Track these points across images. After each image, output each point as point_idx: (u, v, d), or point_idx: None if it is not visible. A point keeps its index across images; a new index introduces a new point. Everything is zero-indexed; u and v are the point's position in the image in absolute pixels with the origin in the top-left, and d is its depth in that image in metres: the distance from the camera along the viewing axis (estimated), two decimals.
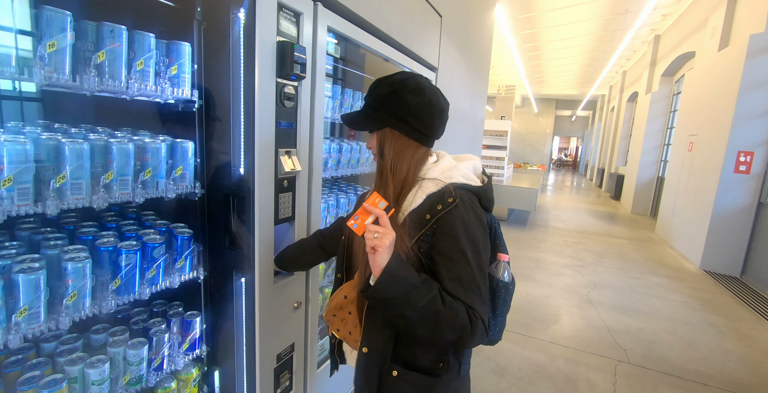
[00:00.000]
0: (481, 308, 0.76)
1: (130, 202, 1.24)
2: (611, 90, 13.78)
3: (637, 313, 3.24)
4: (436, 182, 0.84)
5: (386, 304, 0.74)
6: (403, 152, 0.86)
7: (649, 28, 8.13)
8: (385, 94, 0.84)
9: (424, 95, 0.84)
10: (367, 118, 0.88)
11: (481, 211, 0.84)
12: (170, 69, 1.09)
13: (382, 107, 0.85)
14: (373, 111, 0.86)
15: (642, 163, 8.40)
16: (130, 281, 1.07)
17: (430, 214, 0.80)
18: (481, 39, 3.42)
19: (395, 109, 0.83)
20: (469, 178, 0.88)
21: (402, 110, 0.83)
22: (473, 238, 0.79)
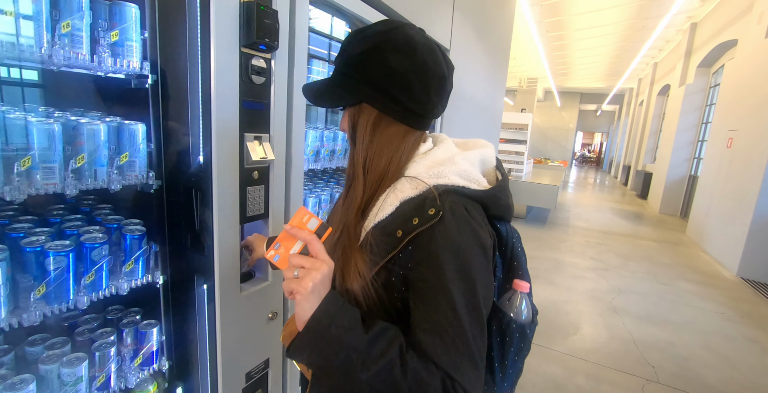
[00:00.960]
0: (467, 376, 0.50)
1: (91, 194, 1.08)
2: (640, 83, 13.07)
3: (667, 324, 2.94)
4: (415, 183, 0.60)
5: (315, 373, 0.53)
6: (384, 138, 0.61)
7: (686, 15, 7.56)
8: (360, 53, 0.59)
9: (416, 55, 0.58)
10: (333, 88, 0.62)
11: (481, 227, 0.57)
12: (110, 35, 0.90)
13: (356, 73, 0.60)
14: (343, 78, 0.61)
15: (673, 160, 7.89)
16: (61, 288, 0.90)
17: (402, 230, 0.55)
18: (500, 22, 3.13)
19: (374, 75, 0.59)
20: (470, 176, 0.62)
21: (383, 77, 0.58)
22: (466, 268, 0.54)
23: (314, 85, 0.66)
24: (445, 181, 0.59)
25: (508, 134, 6.61)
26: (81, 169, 0.90)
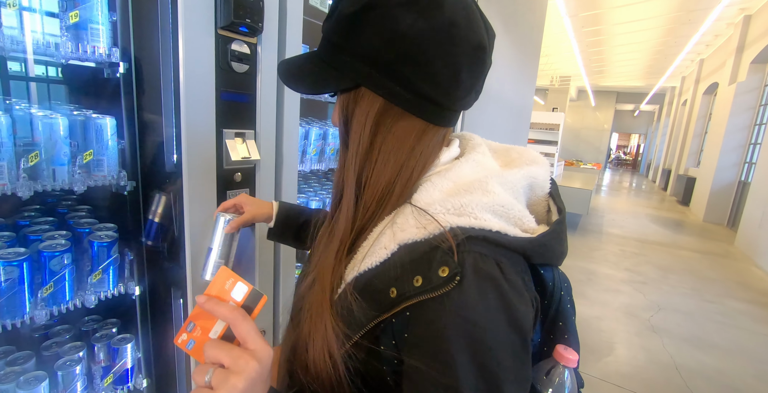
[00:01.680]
0: None
1: (71, 193, 0.99)
2: (684, 81, 12.25)
3: (714, 349, 2.62)
4: (424, 219, 0.40)
5: None
6: (391, 139, 0.43)
7: (738, 7, 6.94)
8: (354, 12, 0.40)
9: (441, 12, 0.38)
10: (318, 66, 0.44)
11: (521, 297, 0.38)
12: (68, 15, 0.79)
13: (349, 42, 0.41)
14: (332, 51, 0.43)
15: (720, 164, 7.28)
16: (13, 300, 0.80)
17: (397, 289, 0.38)
18: (531, 13, 2.90)
19: (375, 45, 0.40)
20: (509, 214, 0.42)
21: (389, 48, 0.39)
22: (488, 363, 0.35)
23: (293, 62, 0.47)
24: (471, 221, 0.38)
25: (537, 135, 6.28)
26: (36, 167, 0.80)
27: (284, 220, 0.78)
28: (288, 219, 0.78)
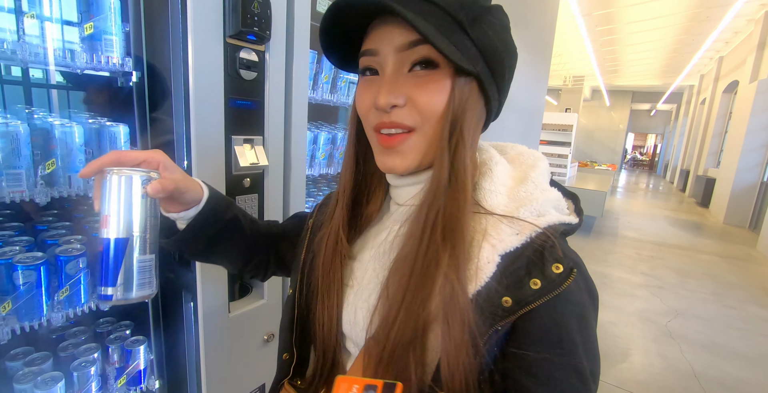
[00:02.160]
0: None
1: (87, 199, 1.02)
2: (702, 79, 11.96)
3: (736, 357, 2.54)
4: (518, 224, 0.40)
5: None
6: (477, 139, 0.45)
7: (758, 2, 6.75)
8: (487, 8, 0.41)
9: (511, 34, 0.44)
10: (453, 37, 0.39)
11: (593, 282, 0.42)
12: (83, 27, 0.82)
13: (475, 30, 0.40)
14: (453, 28, 0.39)
15: (741, 164, 7.07)
16: (32, 303, 0.83)
17: (513, 297, 0.37)
18: (542, 12, 2.88)
19: (493, 42, 0.41)
20: (560, 205, 0.45)
21: (503, 52, 0.42)
22: (591, 340, 0.39)
23: (419, 17, 0.37)
24: (550, 219, 0.40)
25: (550, 136, 6.21)
26: (53, 174, 0.83)
27: (212, 210, 0.54)
28: (216, 210, 0.55)
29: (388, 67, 0.41)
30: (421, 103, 0.40)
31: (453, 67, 0.40)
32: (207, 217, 0.53)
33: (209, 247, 0.57)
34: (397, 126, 0.41)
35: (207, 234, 0.55)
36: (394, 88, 0.40)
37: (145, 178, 0.43)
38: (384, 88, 0.40)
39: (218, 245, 0.58)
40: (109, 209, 0.41)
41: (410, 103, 0.41)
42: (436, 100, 0.40)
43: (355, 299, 0.47)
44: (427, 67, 0.40)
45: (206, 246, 0.57)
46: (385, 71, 0.42)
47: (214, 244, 0.57)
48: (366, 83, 0.44)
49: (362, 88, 0.45)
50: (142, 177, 0.43)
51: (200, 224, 0.53)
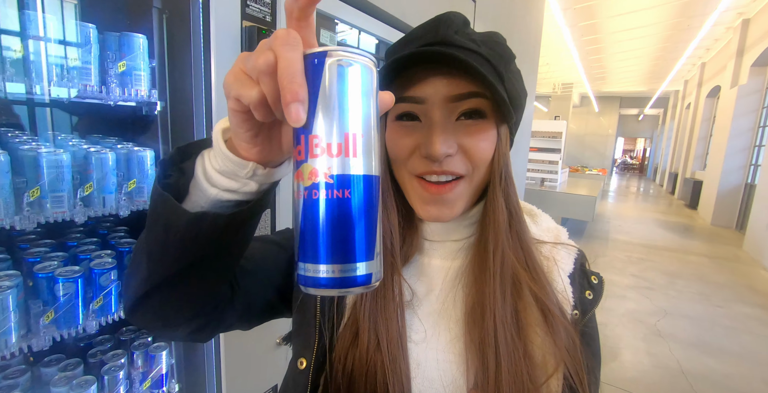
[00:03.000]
0: None
1: (110, 216, 1.10)
2: (687, 85, 12.30)
3: (722, 354, 2.65)
4: (567, 247, 0.50)
5: None
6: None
7: (736, 11, 7.04)
8: (512, 57, 0.45)
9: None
10: (497, 80, 0.40)
11: None
12: (117, 65, 0.93)
13: (506, 78, 0.42)
14: (498, 82, 0.41)
15: (726, 167, 7.29)
16: (70, 313, 0.92)
17: (579, 310, 0.46)
18: (527, 28, 3.03)
19: (518, 91, 0.44)
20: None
21: (522, 99, 0.45)
22: None
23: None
24: (565, 236, 0.52)
25: (540, 143, 6.37)
26: (90, 196, 0.92)
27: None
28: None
29: (435, 116, 0.41)
30: (473, 152, 0.41)
31: (497, 116, 0.42)
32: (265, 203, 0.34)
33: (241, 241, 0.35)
34: (449, 174, 0.41)
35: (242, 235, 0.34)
36: (447, 138, 0.40)
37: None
38: (437, 138, 0.39)
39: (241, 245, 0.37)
40: (355, 123, 0.25)
41: (462, 151, 0.41)
42: (486, 149, 0.42)
43: (427, 361, 0.43)
44: (475, 117, 0.41)
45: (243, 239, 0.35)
46: (432, 120, 0.41)
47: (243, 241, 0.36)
48: (404, 128, 0.43)
49: (400, 133, 0.43)
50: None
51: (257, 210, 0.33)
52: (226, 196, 0.31)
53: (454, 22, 0.41)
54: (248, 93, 0.25)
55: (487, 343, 0.40)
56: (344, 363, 0.42)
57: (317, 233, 0.25)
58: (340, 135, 0.24)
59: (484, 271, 0.43)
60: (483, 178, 0.44)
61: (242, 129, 0.28)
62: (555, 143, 6.28)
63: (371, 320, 0.42)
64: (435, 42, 0.40)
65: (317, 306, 0.45)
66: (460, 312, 0.44)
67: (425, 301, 0.46)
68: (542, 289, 0.43)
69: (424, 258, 0.49)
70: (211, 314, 0.41)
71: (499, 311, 0.41)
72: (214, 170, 0.30)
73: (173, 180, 0.32)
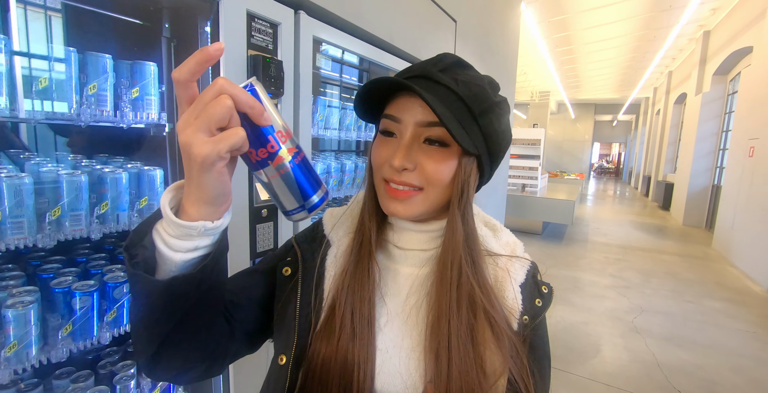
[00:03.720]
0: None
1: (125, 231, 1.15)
2: (656, 92, 12.90)
3: (693, 346, 2.82)
4: (521, 260, 0.56)
5: None
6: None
7: (697, 24, 7.51)
8: (498, 102, 0.50)
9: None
10: (465, 123, 0.47)
11: None
12: (131, 92, 0.99)
13: (483, 120, 0.48)
14: (470, 117, 0.47)
15: (694, 169, 7.68)
16: (86, 325, 0.97)
17: (528, 315, 0.52)
18: (505, 44, 3.20)
19: (496, 132, 0.50)
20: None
21: (501, 139, 0.51)
22: None
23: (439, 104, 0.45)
24: (521, 251, 0.58)
25: (520, 150, 6.59)
26: (105, 214, 0.98)
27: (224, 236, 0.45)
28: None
29: (406, 135, 0.47)
30: (429, 171, 0.48)
31: (460, 149, 0.47)
32: (223, 244, 0.42)
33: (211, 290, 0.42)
34: (406, 184, 0.48)
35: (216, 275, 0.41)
36: (408, 154, 0.47)
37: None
38: (401, 153, 0.47)
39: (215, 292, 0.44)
40: (281, 120, 0.39)
41: (419, 169, 0.48)
42: (440, 172, 0.48)
43: (390, 348, 0.50)
44: (437, 144, 0.48)
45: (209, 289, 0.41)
46: (403, 138, 0.48)
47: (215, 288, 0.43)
48: (384, 141, 0.50)
49: (380, 144, 0.51)
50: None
51: (221, 253, 0.41)
52: (189, 256, 0.38)
53: (442, 62, 0.49)
54: (236, 136, 0.34)
55: (442, 347, 0.46)
56: (321, 352, 0.48)
57: (312, 172, 0.42)
58: (284, 123, 0.39)
59: (443, 283, 0.49)
60: (440, 195, 0.49)
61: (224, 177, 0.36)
62: (534, 150, 6.50)
63: (349, 295, 0.50)
64: (419, 75, 0.48)
65: (297, 309, 0.52)
66: (423, 316, 0.50)
67: (393, 298, 0.53)
68: (490, 302, 0.49)
69: (394, 264, 0.55)
70: (217, 350, 0.48)
71: (454, 321, 0.47)
72: (170, 237, 0.37)
73: (140, 258, 0.39)
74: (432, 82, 0.47)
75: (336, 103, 1.57)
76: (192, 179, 0.35)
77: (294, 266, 0.56)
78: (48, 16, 1.05)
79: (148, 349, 0.42)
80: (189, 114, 0.33)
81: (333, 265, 0.54)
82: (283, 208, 0.42)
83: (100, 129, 1.20)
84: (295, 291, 0.53)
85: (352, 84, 2.15)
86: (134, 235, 0.39)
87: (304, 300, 0.52)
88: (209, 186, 0.35)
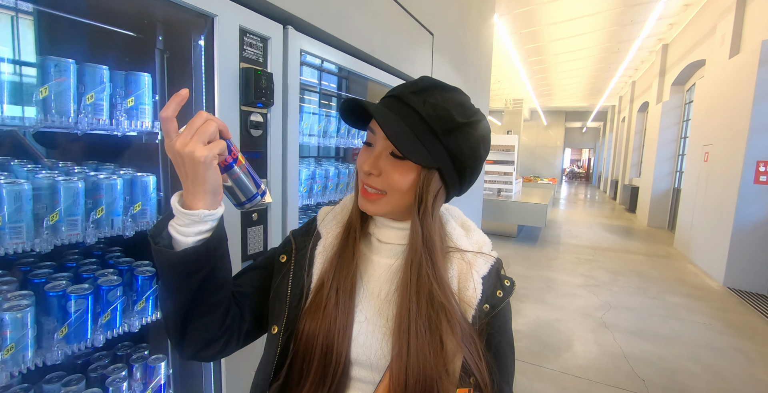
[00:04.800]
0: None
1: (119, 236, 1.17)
2: (621, 100, 13.58)
3: (656, 338, 3.02)
4: (483, 257, 0.62)
5: None
6: (438, 213, 0.61)
7: (656, 37, 8.02)
8: (464, 123, 0.54)
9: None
10: (415, 141, 0.53)
11: None
12: (126, 101, 1.04)
13: (446, 139, 0.54)
14: (428, 136, 0.54)
15: (656, 174, 8.14)
16: (80, 328, 0.99)
17: (489, 304, 0.59)
18: (479, 55, 3.36)
19: (462, 149, 0.55)
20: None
21: (468, 155, 0.56)
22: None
23: (398, 128, 0.52)
24: (493, 252, 0.65)
25: (495, 155, 6.82)
26: (100, 219, 1.01)
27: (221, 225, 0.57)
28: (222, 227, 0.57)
29: (377, 147, 0.57)
30: (389, 179, 0.56)
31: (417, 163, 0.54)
32: (222, 230, 0.55)
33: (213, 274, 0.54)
34: (371, 187, 0.57)
35: (219, 254, 0.55)
36: (375, 163, 0.56)
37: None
38: (369, 161, 0.56)
39: (218, 278, 0.56)
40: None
41: (384, 176, 0.56)
42: (401, 180, 0.55)
43: (365, 322, 0.58)
44: (399, 158, 0.55)
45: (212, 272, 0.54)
46: (375, 148, 0.57)
47: (217, 273, 0.55)
48: (365, 149, 0.59)
49: (362, 151, 0.60)
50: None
51: (220, 236, 0.55)
52: (196, 238, 0.51)
53: (417, 85, 0.55)
54: (221, 145, 0.50)
55: (403, 334, 0.54)
56: (309, 324, 0.57)
57: (254, 178, 0.58)
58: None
59: (405, 277, 0.57)
60: (401, 200, 0.57)
61: (216, 174, 0.50)
62: (509, 156, 6.74)
63: (335, 274, 0.59)
64: (393, 95, 0.56)
65: (288, 287, 0.61)
66: (392, 301, 0.58)
67: (371, 282, 0.61)
68: (446, 297, 0.55)
69: (375, 256, 0.63)
70: (232, 327, 0.60)
71: (414, 310, 0.54)
72: (180, 227, 0.51)
73: (161, 244, 0.51)
74: (402, 103, 0.54)
75: (316, 111, 1.65)
76: (196, 178, 0.48)
77: (289, 254, 0.65)
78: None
79: (177, 320, 0.54)
80: (185, 135, 0.48)
81: (321, 253, 0.63)
82: (244, 195, 0.57)
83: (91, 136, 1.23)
84: (288, 273, 0.63)
85: (331, 91, 2.23)
86: (155, 229, 0.53)
87: (296, 280, 0.62)
88: (209, 179, 0.49)
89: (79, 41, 1.09)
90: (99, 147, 1.26)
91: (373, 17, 1.66)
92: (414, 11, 2.04)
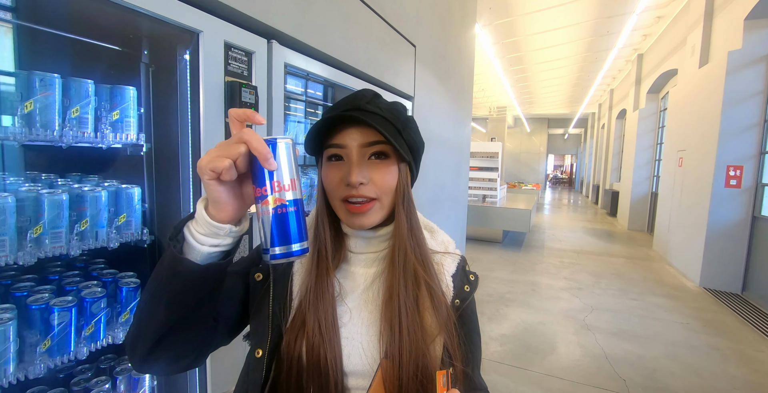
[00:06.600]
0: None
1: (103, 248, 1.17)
2: (600, 108, 13.98)
3: (636, 338, 3.10)
4: (450, 256, 0.67)
5: None
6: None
7: (632, 48, 8.34)
8: (408, 118, 0.63)
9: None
10: (395, 137, 0.58)
11: None
12: (111, 114, 1.05)
13: (405, 133, 0.61)
14: (397, 135, 0.59)
15: (635, 178, 8.39)
16: (64, 341, 0.99)
17: (459, 299, 0.64)
18: (461, 65, 3.45)
19: (415, 141, 0.63)
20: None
21: (418, 146, 0.64)
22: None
23: (376, 122, 0.56)
24: (457, 250, 0.70)
25: (480, 162, 6.94)
26: (84, 231, 1.02)
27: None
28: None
29: (353, 156, 0.57)
30: (380, 182, 0.58)
31: (397, 157, 0.60)
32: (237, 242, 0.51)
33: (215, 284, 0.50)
34: (363, 197, 0.57)
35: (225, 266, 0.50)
36: (361, 171, 0.57)
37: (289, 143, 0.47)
38: (355, 170, 0.56)
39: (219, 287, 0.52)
40: (292, 173, 0.45)
41: (371, 182, 0.58)
42: (389, 180, 0.59)
43: (354, 335, 0.59)
44: (381, 157, 0.59)
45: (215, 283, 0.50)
46: (351, 159, 0.57)
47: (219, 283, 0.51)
48: (333, 166, 0.59)
49: (331, 169, 0.59)
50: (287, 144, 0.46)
51: (233, 250, 0.50)
52: (212, 250, 0.47)
53: (366, 96, 0.60)
54: (221, 164, 0.42)
55: (394, 316, 0.57)
56: (294, 346, 0.56)
57: (286, 229, 0.45)
58: (288, 179, 0.45)
59: (393, 268, 0.60)
60: (390, 201, 0.60)
61: (217, 191, 0.44)
62: (493, 162, 6.86)
63: (314, 309, 0.57)
64: (352, 108, 0.58)
65: (270, 309, 0.60)
66: (378, 302, 0.61)
67: (351, 295, 0.62)
68: (432, 279, 0.61)
69: (351, 266, 0.65)
70: (204, 342, 0.56)
71: (402, 295, 0.58)
72: (199, 234, 0.46)
73: (177, 248, 0.47)
74: (364, 111, 0.58)
75: (302, 119, 1.68)
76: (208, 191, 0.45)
77: (265, 272, 0.63)
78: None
79: (155, 335, 0.48)
80: (213, 151, 0.44)
81: (299, 270, 0.62)
82: (263, 244, 0.47)
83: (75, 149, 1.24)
84: (268, 293, 0.61)
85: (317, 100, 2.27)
86: (173, 231, 0.48)
87: (276, 301, 0.60)
88: (208, 189, 0.44)
89: (64, 55, 1.10)
90: (83, 159, 1.27)
91: (356, 30, 1.71)
92: (396, 24, 2.10)
